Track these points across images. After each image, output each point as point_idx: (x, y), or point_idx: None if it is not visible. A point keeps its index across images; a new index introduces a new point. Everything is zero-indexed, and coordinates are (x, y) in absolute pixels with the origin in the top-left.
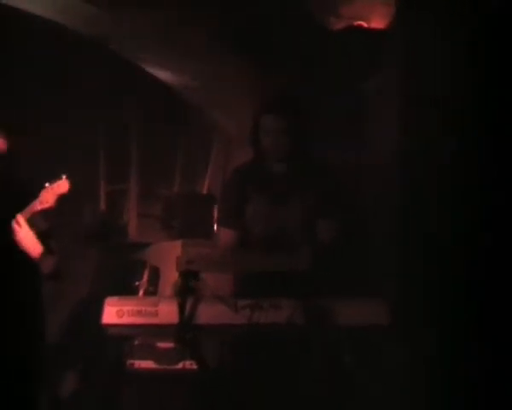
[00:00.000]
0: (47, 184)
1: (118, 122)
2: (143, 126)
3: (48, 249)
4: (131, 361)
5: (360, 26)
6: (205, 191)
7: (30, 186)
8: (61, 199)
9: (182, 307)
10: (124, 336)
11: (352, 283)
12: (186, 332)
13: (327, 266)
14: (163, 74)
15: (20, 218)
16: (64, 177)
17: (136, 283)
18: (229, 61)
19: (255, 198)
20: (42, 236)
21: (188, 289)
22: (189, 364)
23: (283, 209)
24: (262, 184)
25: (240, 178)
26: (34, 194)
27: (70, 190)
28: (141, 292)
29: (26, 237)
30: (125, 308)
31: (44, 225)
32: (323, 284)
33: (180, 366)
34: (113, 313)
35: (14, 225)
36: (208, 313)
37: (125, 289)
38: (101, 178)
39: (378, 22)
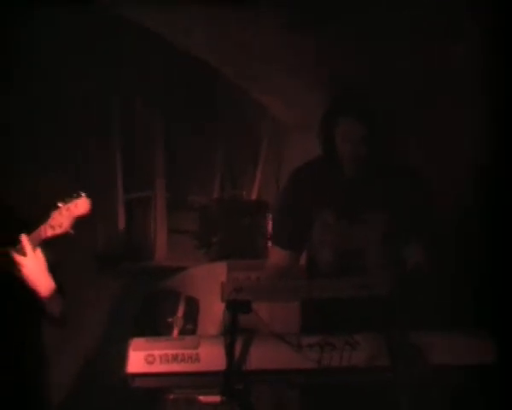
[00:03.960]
0: (60, 204)
1: (139, 111)
2: (173, 116)
3: (55, 288)
4: None
5: None
6: (253, 197)
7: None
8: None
9: (229, 349)
10: (155, 389)
11: (446, 314)
12: (236, 381)
13: (415, 291)
14: (200, 54)
15: (27, 246)
16: (83, 194)
17: (169, 319)
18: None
19: (323, 212)
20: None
21: (237, 325)
22: None
23: (359, 226)
24: (332, 195)
25: (303, 185)
26: (34, 216)
27: (91, 211)
28: (175, 331)
29: (33, 272)
30: (156, 352)
31: (51, 257)
32: (412, 314)
33: None
34: (141, 358)
35: (16, 257)
36: (264, 356)
37: (155, 328)
38: (117, 185)
39: None
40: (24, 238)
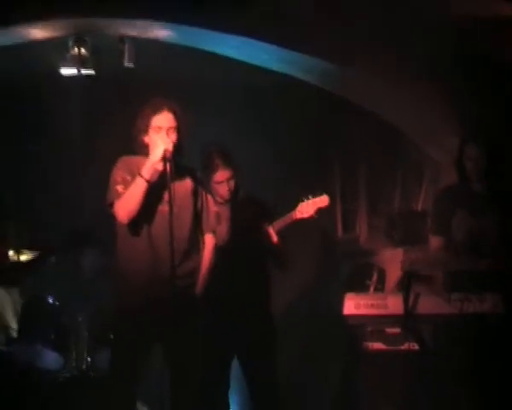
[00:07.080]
0: (310, 197)
1: (348, 159)
2: (369, 159)
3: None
4: (366, 343)
5: None
6: (419, 208)
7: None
8: (320, 211)
9: (406, 300)
10: (360, 324)
11: None
12: (410, 320)
13: None
14: (386, 117)
15: (272, 227)
16: (325, 194)
17: (368, 281)
18: (435, 100)
19: (459, 212)
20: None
21: (410, 286)
22: (412, 345)
23: (481, 222)
24: (464, 201)
25: (447, 196)
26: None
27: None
28: (371, 289)
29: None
30: (361, 302)
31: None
32: None
33: (405, 346)
34: (352, 305)
35: (270, 231)
36: (427, 305)
37: (359, 287)
38: (337, 200)
39: None
40: (275, 223)
